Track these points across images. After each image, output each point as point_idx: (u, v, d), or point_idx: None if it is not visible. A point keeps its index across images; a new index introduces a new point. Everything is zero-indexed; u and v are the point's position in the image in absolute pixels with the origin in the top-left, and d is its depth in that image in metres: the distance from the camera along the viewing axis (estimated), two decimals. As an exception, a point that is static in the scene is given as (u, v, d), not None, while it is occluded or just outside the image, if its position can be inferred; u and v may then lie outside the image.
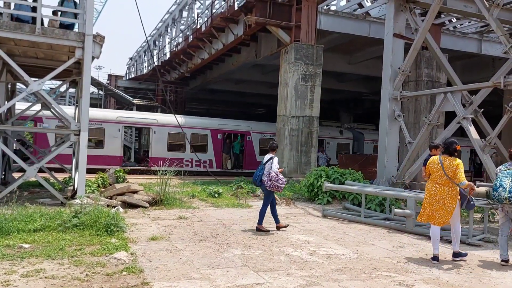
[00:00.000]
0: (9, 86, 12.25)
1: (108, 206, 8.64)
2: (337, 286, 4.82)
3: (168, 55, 31.82)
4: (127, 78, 41.14)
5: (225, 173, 20.24)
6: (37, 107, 13.61)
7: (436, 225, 6.26)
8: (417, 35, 12.48)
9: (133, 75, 41.26)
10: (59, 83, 14.22)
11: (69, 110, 14.93)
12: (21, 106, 15.06)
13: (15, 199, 7.88)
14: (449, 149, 6.27)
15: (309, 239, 7.30)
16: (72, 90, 14.36)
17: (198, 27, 24.42)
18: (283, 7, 15.95)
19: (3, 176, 12.01)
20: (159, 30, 37.42)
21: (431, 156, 7.07)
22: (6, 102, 11.09)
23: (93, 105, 33.97)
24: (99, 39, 9.28)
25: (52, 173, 12.01)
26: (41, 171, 10.41)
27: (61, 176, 12.70)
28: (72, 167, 11.73)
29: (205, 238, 6.99)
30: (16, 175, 12.44)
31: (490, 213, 9.00)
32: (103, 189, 10.50)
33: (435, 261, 6.11)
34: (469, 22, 19.96)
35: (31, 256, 5.28)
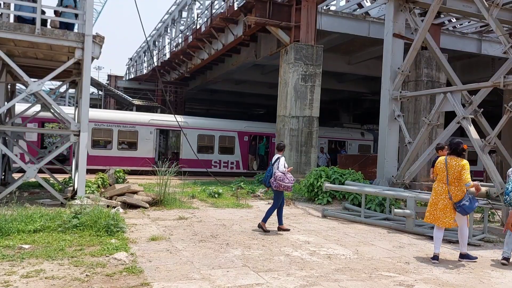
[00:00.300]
0: (9, 86, 12.25)
1: (108, 206, 8.64)
2: (337, 286, 4.82)
3: (167, 56, 31.83)
4: (127, 78, 41.14)
5: (251, 174, 20.49)
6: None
7: (440, 226, 6.24)
8: (416, 35, 12.48)
9: (133, 76, 41.26)
10: (59, 83, 14.21)
11: (68, 110, 14.93)
12: (20, 107, 15.07)
13: (15, 199, 7.88)
14: (456, 150, 6.25)
15: (309, 239, 7.30)
16: (72, 90, 14.35)
17: (197, 27, 24.43)
18: (283, 7, 15.95)
19: (3, 176, 12.01)
20: (159, 30, 37.42)
21: (439, 157, 7.06)
22: (5, 102, 11.09)
23: (93, 106, 34.08)
24: (99, 40, 9.28)
25: (52, 174, 12.01)
26: (41, 171, 10.40)
27: (60, 176, 12.70)
28: (72, 168, 11.73)
29: (205, 238, 6.99)
30: (16, 175, 12.44)
31: (490, 213, 9.01)
32: (103, 190, 10.49)
33: (435, 260, 6.10)
34: (469, 22, 19.96)
35: (31, 256, 5.28)
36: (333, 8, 21.10)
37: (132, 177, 14.86)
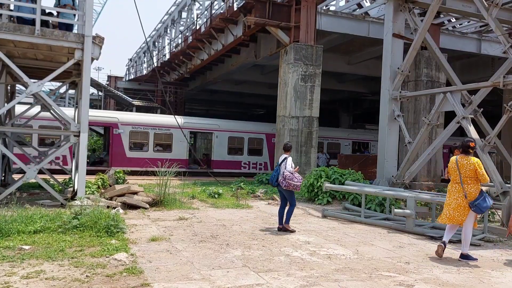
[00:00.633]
0: (9, 87, 12.25)
1: (108, 207, 8.64)
2: (338, 286, 4.82)
3: (167, 56, 31.84)
4: (127, 79, 41.15)
5: None
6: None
7: (453, 224, 6.31)
8: (416, 35, 12.49)
9: (132, 76, 41.26)
10: (58, 84, 14.22)
11: (68, 111, 14.93)
12: (20, 108, 15.07)
13: (15, 200, 7.89)
14: (464, 148, 6.37)
15: (309, 240, 7.30)
16: (72, 91, 14.35)
17: (197, 28, 24.44)
18: (282, 8, 15.96)
19: (3, 177, 12.01)
20: (159, 31, 37.44)
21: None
22: (5, 103, 11.09)
23: (93, 107, 34.06)
24: (99, 40, 9.29)
25: (52, 175, 12.01)
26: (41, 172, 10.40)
27: (61, 177, 12.70)
28: (72, 169, 11.73)
29: (205, 239, 6.99)
30: (16, 176, 12.44)
31: (490, 212, 9.01)
32: (103, 190, 10.49)
33: (442, 244, 6.27)
34: (468, 22, 19.98)
35: (31, 257, 5.28)
36: (332, 8, 21.12)
37: (132, 178, 14.86)
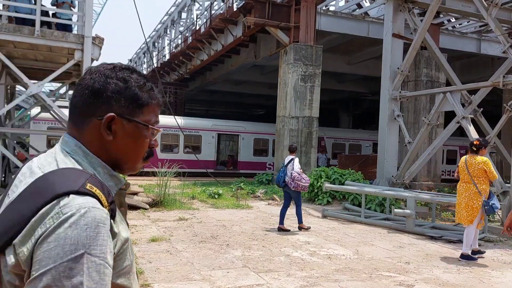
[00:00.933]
0: (9, 88, 12.25)
1: (108, 208, 8.63)
2: (338, 286, 4.82)
3: (167, 57, 31.82)
4: (127, 79, 41.07)
5: None
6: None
7: (466, 225, 6.33)
8: (416, 35, 12.49)
9: (132, 77, 41.15)
10: (58, 85, 14.23)
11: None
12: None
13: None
14: (470, 147, 6.49)
15: (309, 240, 7.30)
16: (71, 92, 14.37)
17: (197, 28, 24.43)
18: (282, 8, 15.96)
19: (3, 178, 12.02)
20: (158, 31, 37.43)
21: None
22: (5, 104, 11.10)
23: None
24: (98, 41, 9.29)
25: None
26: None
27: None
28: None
29: (205, 239, 6.99)
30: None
31: (490, 212, 9.00)
32: (103, 191, 10.48)
33: (476, 255, 6.26)
34: (468, 22, 19.98)
35: (31, 258, 5.27)
36: (332, 8, 21.11)
37: (132, 178, 14.86)
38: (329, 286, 4.82)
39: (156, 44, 38.20)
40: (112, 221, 0.94)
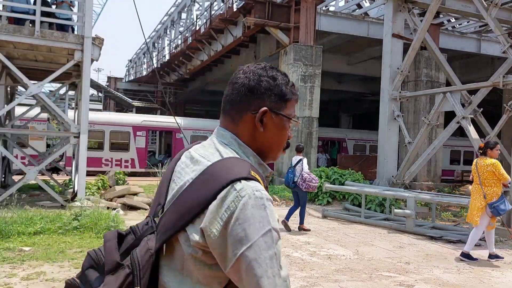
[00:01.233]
0: (9, 89, 12.25)
1: (108, 208, 8.63)
2: (338, 286, 4.82)
3: (167, 57, 31.83)
4: (127, 80, 41.15)
5: None
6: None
7: (474, 225, 6.34)
8: (416, 35, 12.49)
9: (132, 77, 41.24)
10: (58, 85, 14.23)
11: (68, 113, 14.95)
12: (21, 109, 15.09)
13: (15, 202, 7.88)
14: (479, 150, 6.58)
15: (310, 240, 7.30)
16: (71, 92, 14.36)
17: (197, 28, 24.43)
18: (282, 8, 15.96)
19: (3, 179, 12.01)
20: (158, 32, 37.43)
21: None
22: (5, 105, 11.10)
23: (93, 108, 33.99)
24: (98, 42, 9.29)
25: (52, 176, 12.02)
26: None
27: (61, 179, 12.69)
28: (72, 170, 11.73)
29: (205, 239, 6.98)
30: (16, 178, 12.44)
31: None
32: (103, 192, 10.49)
33: (494, 258, 6.26)
34: (468, 22, 19.98)
35: (31, 259, 5.28)
36: (332, 8, 21.11)
37: (132, 179, 14.85)
38: (329, 286, 4.82)
39: (156, 44, 38.20)
40: None
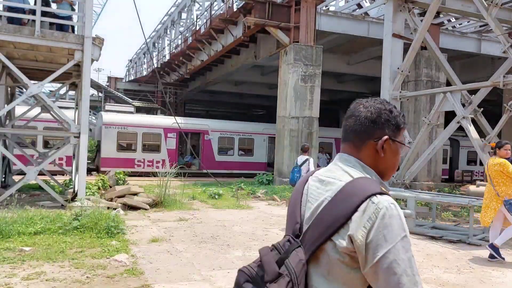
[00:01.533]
0: (9, 89, 12.25)
1: (108, 208, 8.63)
2: (338, 286, 4.82)
3: (167, 57, 31.83)
4: (127, 80, 41.16)
5: None
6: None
7: (483, 226, 6.35)
8: (416, 35, 12.49)
9: (132, 77, 41.23)
10: (59, 85, 14.24)
11: (68, 113, 14.93)
12: (21, 109, 15.09)
13: (15, 202, 7.88)
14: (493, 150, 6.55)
15: (310, 240, 7.29)
16: (71, 92, 14.37)
17: (197, 28, 24.44)
18: (282, 8, 15.96)
19: (3, 179, 12.02)
20: (158, 32, 37.44)
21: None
22: (5, 105, 11.10)
23: (93, 108, 34.07)
24: (98, 42, 9.29)
25: (52, 176, 12.02)
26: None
27: (61, 179, 12.70)
28: (72, 169, 11.73)
29: (205, 239, 6.99)
30: (16, 178, 12.44)
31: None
32: (104, 192, 10.49)
33: (495, 258, 6.23)
34: (468, 21, 19.98)
35: (31, 259, 5.28)
36: (332, 8, 21.13)
37: (132, 179, 14.86)
38: (330, 286, 4.81)
39: (156, 44, 38.21)
40: None
